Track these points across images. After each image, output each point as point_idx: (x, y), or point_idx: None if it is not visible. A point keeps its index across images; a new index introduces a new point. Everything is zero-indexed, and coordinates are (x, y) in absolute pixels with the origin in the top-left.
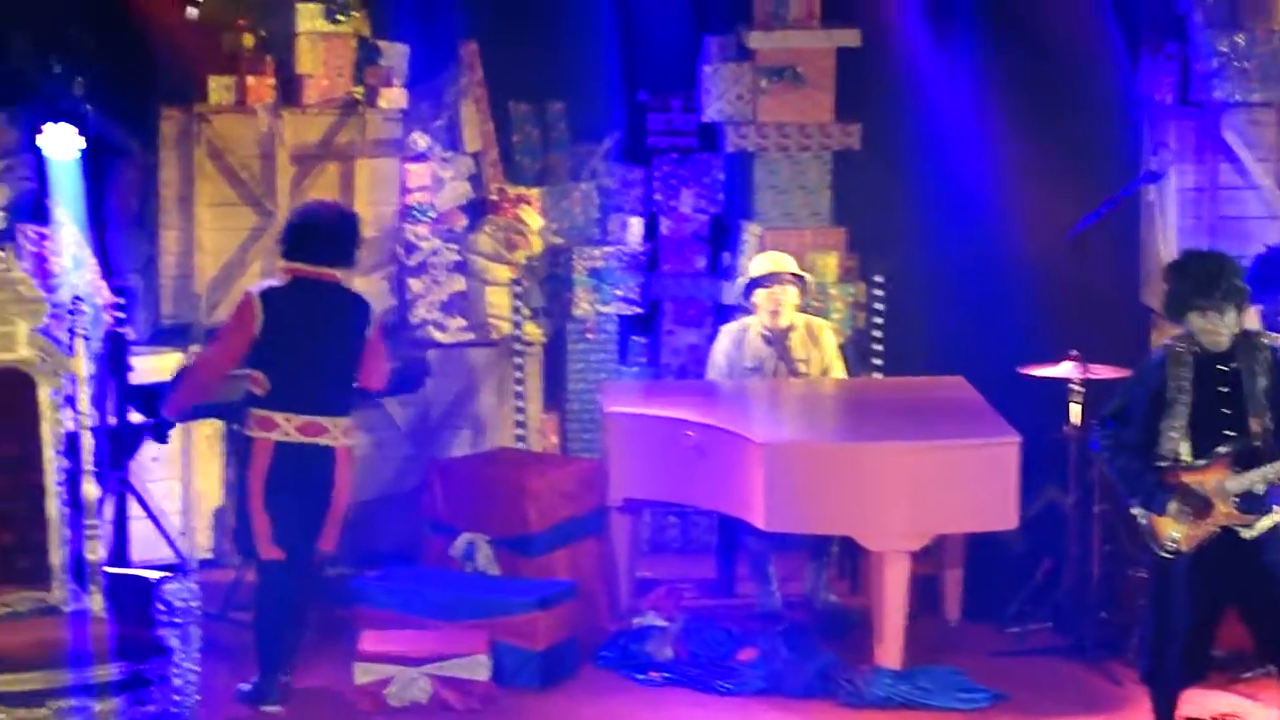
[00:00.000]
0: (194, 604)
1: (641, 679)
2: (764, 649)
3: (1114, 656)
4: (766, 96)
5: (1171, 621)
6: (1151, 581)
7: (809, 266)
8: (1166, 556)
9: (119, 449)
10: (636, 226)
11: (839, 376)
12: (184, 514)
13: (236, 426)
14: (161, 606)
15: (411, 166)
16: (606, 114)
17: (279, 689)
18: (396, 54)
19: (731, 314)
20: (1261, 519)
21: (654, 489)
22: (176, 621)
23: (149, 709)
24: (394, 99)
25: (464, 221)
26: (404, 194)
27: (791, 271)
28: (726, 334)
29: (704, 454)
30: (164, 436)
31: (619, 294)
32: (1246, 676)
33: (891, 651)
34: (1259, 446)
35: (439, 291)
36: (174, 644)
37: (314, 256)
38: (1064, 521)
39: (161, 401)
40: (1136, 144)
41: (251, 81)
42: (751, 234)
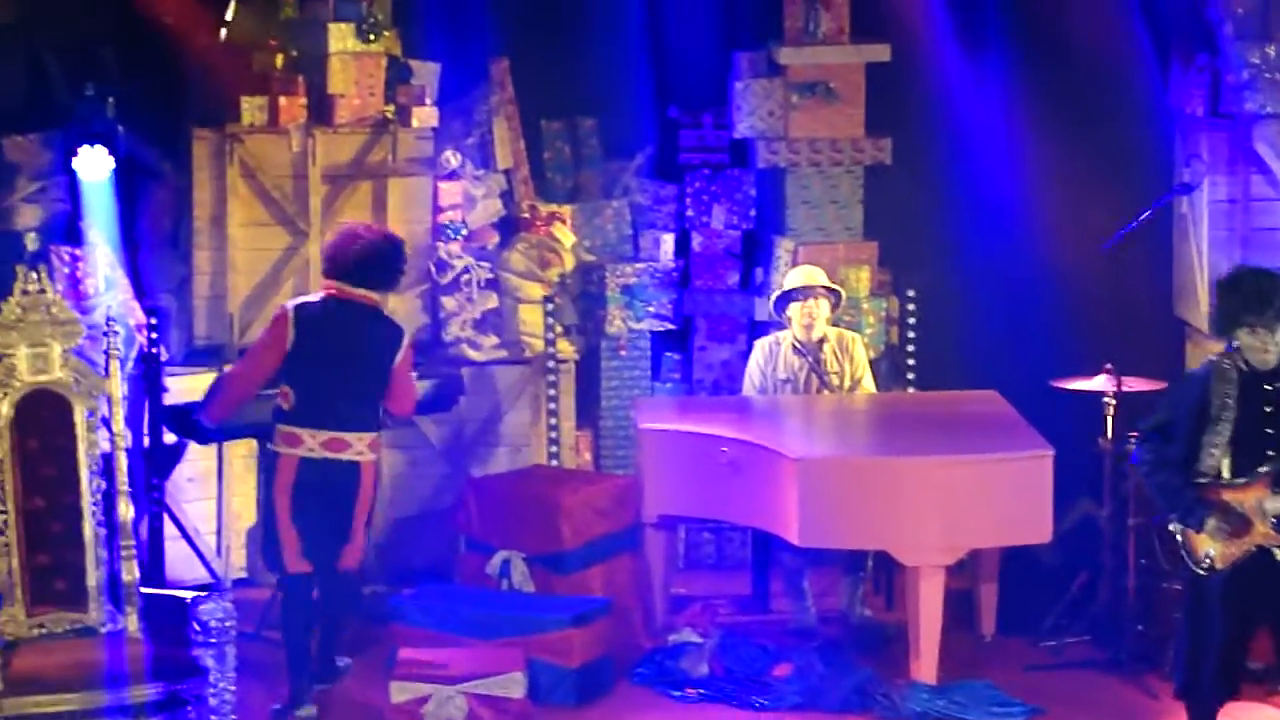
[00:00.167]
0: (229, 623)
1: (677, 695)
2: (799, 664)
3: (1150, 670)
4: (798, 112)
5: (1206, 637)
6: (1186, 597)
7: (841, 281)
8: (1201, 573)
9: (154, 469)
10: (669, 243)
11: (870, 388)
12: (219, 534)
13: (270, 445)
14: (197, 626)
15: (443, 185)
16: (638, 130)
17: (309, 693)
18: (428, 72)
19: (764, 329)
20: None
21: (688, 505)
22: (212, 641)
23: None
24: (425, 117)
25: (496, 239)
26: (436, 212)
27: (824, 285)
28: (760, 347)
29: (738, 470)
30: (205, 439)
31: (652, 310)
32: None
33: (927, 666)
34: None
35: (472, 309)
36: (209, 664)
37: (354, 278)
38: (1099, 535)
39: (198, 413)
40: (1168, 156)
41: (283, 102)
42: (784, 249)
